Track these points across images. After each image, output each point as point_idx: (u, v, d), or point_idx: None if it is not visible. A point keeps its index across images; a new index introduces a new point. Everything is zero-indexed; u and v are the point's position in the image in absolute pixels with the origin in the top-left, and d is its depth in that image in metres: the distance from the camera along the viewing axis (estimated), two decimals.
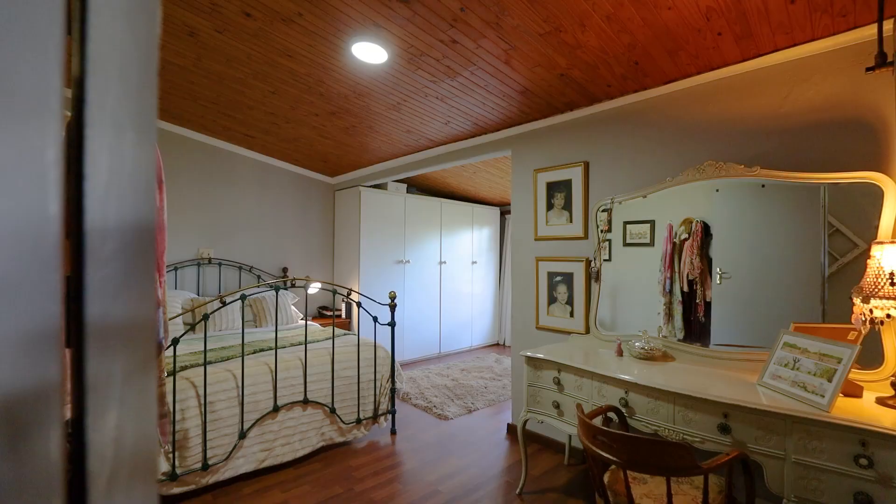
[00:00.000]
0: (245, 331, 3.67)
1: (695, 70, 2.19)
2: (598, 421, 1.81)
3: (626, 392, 1.87)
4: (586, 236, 2.72)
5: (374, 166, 4.50)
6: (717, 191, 2.13)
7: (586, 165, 2.72)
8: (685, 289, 2.21)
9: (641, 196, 2.39)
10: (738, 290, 2.06)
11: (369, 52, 2.21)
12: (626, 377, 1.86)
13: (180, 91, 3.08)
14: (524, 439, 2.34)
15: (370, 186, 4.85)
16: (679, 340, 2.20)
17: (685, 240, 2.23)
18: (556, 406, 2.16)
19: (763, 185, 1.99)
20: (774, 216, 1.96)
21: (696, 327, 2.17)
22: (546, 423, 2.23)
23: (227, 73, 2.68)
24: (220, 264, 4.20)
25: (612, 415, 1.88)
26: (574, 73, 2.30)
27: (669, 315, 2.28)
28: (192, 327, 2.45)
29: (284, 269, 4.71)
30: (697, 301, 2.17)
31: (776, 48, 1.95)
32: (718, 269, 2.11)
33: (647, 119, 2.45)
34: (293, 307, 4.36)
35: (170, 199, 3.92)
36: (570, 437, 2.70)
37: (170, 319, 2.39)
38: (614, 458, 1.37)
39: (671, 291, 2.27)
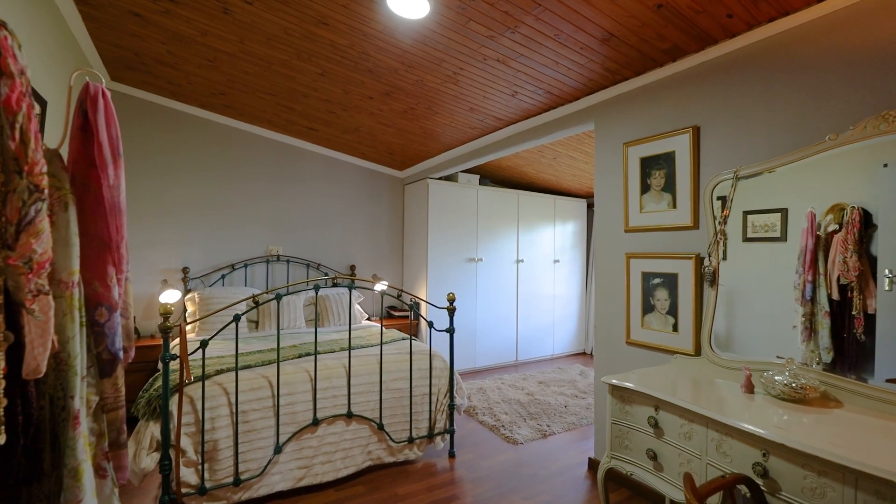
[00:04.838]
0: (304, 331, 3.53)
1: None
2: (716, 499, 1.22)
3: (764, 455, 1.24)
4: (696, 225, 2.06)
5: (442, 155, 4.14)
6: (886, 166, 1.49)
7: (696, 131, 2.05)
8: (834, 296, 1.60)
9: (768, 170, 1.72)
10: None
11: (407, 3, 1.82)
12: (765, 433, 1.23)
13: (238, 84, 3.00)
14: (605, 490, 1.79)
15: (439, 178, 4.50)
16: (826, 366, 1.57)
17: (834, 232, 1.64)
18: (653, 457, 1.57)
19: None
20: None
21: (851, 348, 1.55)
22: (637, 474, 1.65)
23: (272, 56, 2.50)
24: (287, 261, 4.16)
25: (741, 486, 1.27)
26: (677, 1, 1.68)
27: (811, 330, 1.67)
28: (225, 326, 2.28)
29: (352, 267, 4.55)
30: (854, 313, 1.54)
31: None
32: (887, 272, 1.48)
33: (789, 58, 1.73)
34: (358, 306, 4.17)
35: (240, 197, 3.95)
36: None
37: (204, 318, 2.24)
38: None
39: (813, 299, 1.66)
